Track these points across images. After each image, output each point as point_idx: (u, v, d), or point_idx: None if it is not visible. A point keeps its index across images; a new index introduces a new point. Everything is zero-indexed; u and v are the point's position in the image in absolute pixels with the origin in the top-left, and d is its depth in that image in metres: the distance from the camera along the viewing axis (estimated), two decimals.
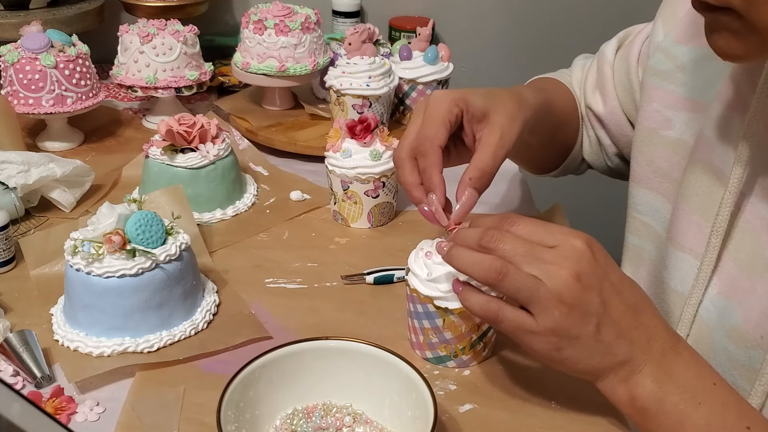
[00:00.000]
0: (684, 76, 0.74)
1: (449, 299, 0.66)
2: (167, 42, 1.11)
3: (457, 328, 0.68)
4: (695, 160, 0.70)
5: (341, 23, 1.51)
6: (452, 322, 0.68)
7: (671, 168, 0.75)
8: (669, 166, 0.75)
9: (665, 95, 0.75)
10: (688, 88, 0.73)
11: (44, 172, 0.90)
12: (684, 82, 0.74)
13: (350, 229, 0.94)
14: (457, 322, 0.67)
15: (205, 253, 0.85)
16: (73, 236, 0.72)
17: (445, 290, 0.66)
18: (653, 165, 0.77)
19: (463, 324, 0.68)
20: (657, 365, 0.58)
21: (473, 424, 0.65)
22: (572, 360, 0.58)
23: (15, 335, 0.69)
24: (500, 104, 0.71)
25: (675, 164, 0.74)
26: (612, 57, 0.88)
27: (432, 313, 0.68)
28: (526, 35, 1.67)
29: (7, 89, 1.06)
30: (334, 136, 0.93)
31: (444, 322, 0.68)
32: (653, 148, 0.77)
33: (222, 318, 0.77)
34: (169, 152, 0.91)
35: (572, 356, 0.58)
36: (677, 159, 0.74)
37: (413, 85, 1.13)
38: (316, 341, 0.64)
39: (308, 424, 0.63)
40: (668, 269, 0.71)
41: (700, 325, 0.67)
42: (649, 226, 0.78)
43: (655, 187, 0.77)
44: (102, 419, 0.65)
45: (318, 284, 0.83)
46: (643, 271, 0.78)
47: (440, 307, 0.67)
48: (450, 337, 0.69)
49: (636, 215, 0.79)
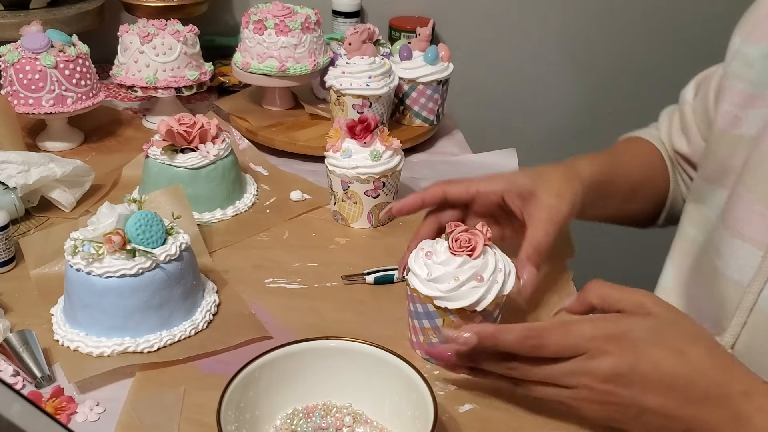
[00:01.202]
0: (753, 73, 0.75)
1: (449, 299, 0.66)
2: (167, 42, 1.11)
3: (457, 329, 0.67)
4: (761, 151, 0.70)
5: (341, 23, 1.51)
6: (452, 321, 0.68)
7: (738, 163, 0.75)
8: (736, 162, 0.75)
9: (735, 95, 0.76)
10: (756, 84, 0.74)
11: (44, 172, 0.90)
12: (753, 78, 0.75)
13: (350, 229, 0.94)
14: (456, 321, 0.67)
15: (205, 253, 0.85)
16: (73, 236, 0.72)
17: (444, 290, 0.66)
18: (723, 164, 0.77)
19: (463, 324, 0.67)
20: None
21: (473, 424, 0.65)
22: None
23: (15, 335, 0.69)
24: (546, 182, 0.76)
25: (741, 159, 0.74)
26: (692, 99, 0.90)
27: (432, 312, 0.68)
28: (526, 35, 1.67)
29: (7, 89, 1.06)
30: (334, 136, 0.93)
31: (444, 322, 0.68)
32: (723, 147, 0.77)
33: (222, 318, 0.77)
34: (169, 152, 0.91)
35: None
36: (743, 154, 0.74)
37: (413, 85, 1.13)
38: (316, 341, 0.64)
39: (308, 424, 0.63)
40: (723, 257, 0.71)
41: (759, 314, 0.67)
42: (707, 217, 0.79)
43: (722, 182, 0.77)
44: (102, 419, 0.65)
45: (318, 284, 0.83)
46: (690, 260, 0.78)
47: (440, 307, 0.67)
48: None
49: (700, 206, 0.81)
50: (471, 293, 0.66)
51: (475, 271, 0.66)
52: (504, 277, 0.68)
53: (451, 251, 0.67)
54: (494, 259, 0.68)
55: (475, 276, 0.66)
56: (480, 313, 0.67)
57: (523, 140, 1.40)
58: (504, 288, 0.68)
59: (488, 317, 0.68)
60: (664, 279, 0.79)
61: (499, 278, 0.68)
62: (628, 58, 1.71)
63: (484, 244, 0.68)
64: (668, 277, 0.79)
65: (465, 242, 0.67)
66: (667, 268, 0.80)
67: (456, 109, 1.30)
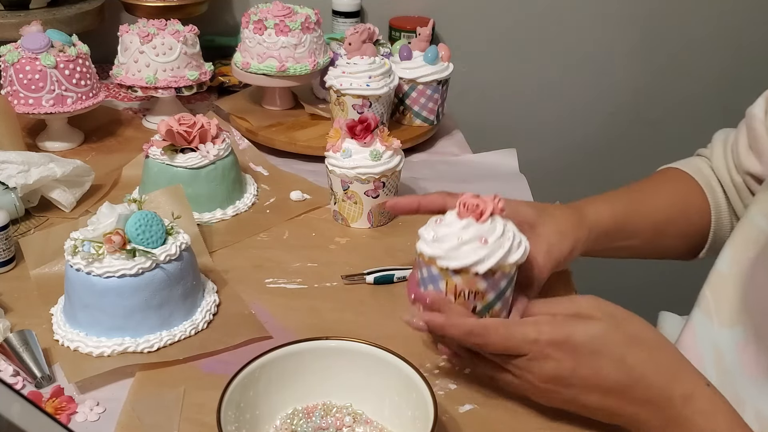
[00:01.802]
0: None
1: (449, 258, 0.64)
2: (167, 42, 1.11)
3: (460, 294, 0.65)
4: None
5: (341, 23, 1.51)
6: (454, 285, 0.65)
7: None
8: None
9: None
10: None
11: (44, 172, 0.90)
12: None
13: (350, 229, 0.94)
14: (459, 285, 0.64)
15: (205, 253, 0.85)
16: (73, 236, 0.72)
17: (446, 248, 0.64)
18: None
19: (466, 289, 0.65)
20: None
21: (473, 424, 0.65)
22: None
23: (15, 335, 0.69)
24: (550, 218, 0.74)
25: None
26: (762, 114, 0.85)
27: (435, 276, 0.65)
28: (526, 35, 1.67)
29: (7, 89, 1.06)
30: (334, 136, 0.93)
31: (447, 285, 0.65)
32: None
33: (222, 318, 0.77)
34: (169, 152, 0.91)
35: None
36: None
37: (413, 85, 1.13)
38: (316, 341, 0.64)
39: (308, 424, 0.63)
40: None
41: None
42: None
43: None
44: (102, 419, 0.65)
45: (318, 284, 0.83)
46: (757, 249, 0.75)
47: (442, 267, 0.64)
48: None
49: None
50: (472, 253, 0.63)
51: (479, 233, 0.64)
52: (512, 245, 0.65)
53: (458, 214, 0.65)
54: (503, 228, 0.65)
55: (479, 237, 0.64)
56: (483, 278, 0.64)
57: (523, 140, 1.39)
58: (509, 255, 0.65)
59: (494, 287, 0.65)
60: (721, 263, 0.75)
61: (506, 244, 0.64)
62: (628, 58, 1.71)
63: (493, 212, 0.65)
64: (726, 261, 0.75)
65: (473, 207, 0.65)
66: (726, 253, 0.75)
67: (456, 109, 1.30)
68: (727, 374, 0.69)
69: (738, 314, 0.70)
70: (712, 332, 0.72)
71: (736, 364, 0.69)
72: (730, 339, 0.70)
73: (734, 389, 0.68)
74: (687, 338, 0.74)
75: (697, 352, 0.72)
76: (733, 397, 0.64)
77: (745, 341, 0.68)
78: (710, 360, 0.71)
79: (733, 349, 0.69)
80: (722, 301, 0.72)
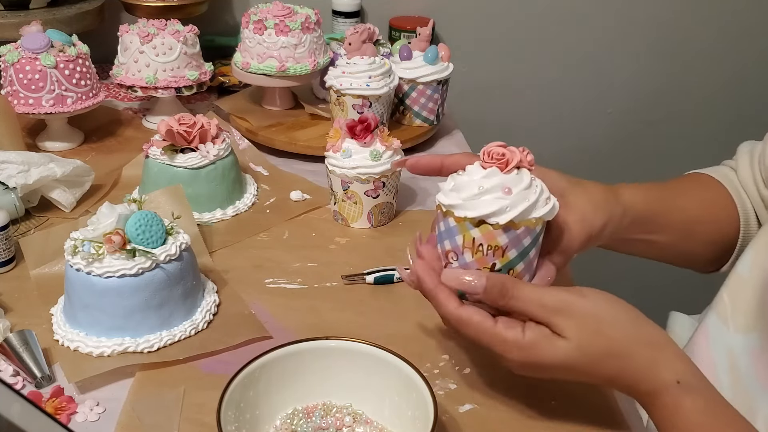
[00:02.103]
0: None
1: (467, 207, 0.59)
2: (167, 42, 1.11)
3: (479, 249, 0.60)
4: None
5: (341, 23, 1.51)
6: (472, 238, 0.60)
7: None
8: None
9: None
10: None
11: (44, 172, 0.90)
12: None
13: (350, 229, 0.94)
14: (477, 238, 0.59)
15: (205, 253, 0.85)
16: (73, 236, 0.72)
17: (465, 197, 0.59)
18: None
19: (485, 243, 0.59)
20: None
21: (473, 424, 0.65)
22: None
23: (15, 335, 0.69)
24: (583, 189, 0.69)
25: None
26: None
27: (452, 228, 0.60)
28: (527, 35, 1.67)
29: (7, 89, 1.06)
30: (334, 136, 0.93)
31: (464, 239, 0.60)
32: None
33: (222, 318, 0.77)
34: (169, 152, 0.91)
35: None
36: None
37: (413, 85, 1.13)
38: (316, 341, 0.64)
39: (308, 424, 0.63)
40: None
41: None
42: None
43: None
44: (102, 419, 0.65)
45: (318, 284, 0.83)
46: None
47: (459, 218, 0.59)
48: (470, 260, 0.61)
49: None
50: (493, 202, 0.58)
51: (503, 183, 0.59)
52: (538, 199, 0.60)
53: (482, 164, 0.61)
54: (530, 181, 0.60)
55: (502, 187, 0.59)
56: (504, 232, 0.59)
57: (524, 140, 1.39)
58: (535, 209, 0.59)
59: (516, 243, 0.60)
60: (741, 266, 0.73)
61: (532, 197, 0.59)
62: (628, 58, 1.71)
63: (520, 165, 0.60)
64: (747, 265, 0.73)
65: (498, 155, 0.60)
66: (748, 256, 0.73)
67: (456, 109, 1.30)
68: (740, 382, 0.68)
69: (755, 320, 0.69)
70: (727, 337, 0.71)
71: (750, 372, 0.68)
72: (744, 345, 0.69)
73: (747, 398, 0.67)
74: (700, 342, 0.73)
75: (710, 358, 0.71)
76: (746, 405, 0.64)
77: (761, 348, 0.67)
78: (724, 366, 0.70)
79: (748, 356, 0.68)
80: (739, 305, 0.71)
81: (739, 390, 0.68)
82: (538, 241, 0.62)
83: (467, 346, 0.73)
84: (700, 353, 0.72)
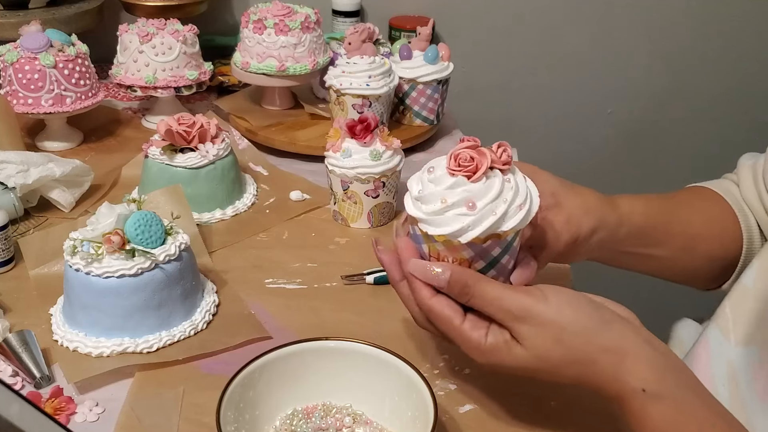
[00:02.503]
0: None
1: (430, 223, 0.56)
2: (167, 41, 1.11)
3: (444, 260, 0.58)
4: None
5: (341, 23, 1.51)
6: (437, 251, 0.58)
7: None
8: None
9: None
10: None
11: (43, 172, 0.89)
12: None
13: (350, 229, 0.94)
14: (442, 251, 0.58)
15: (205, 253, 0.85)
16: (73, 236, 0.72)
17: (428, 212, 0.56)
18: None
19: (450, 256, 0.58)
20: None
21: (473, 424, 0.65)
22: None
23: (14, 335, 0.69)
24: (575, 193, 0.69)
25: None
26: None
27: (418, 236, 0.59)
28: (527, 35, 1.67)
29: (7, 89, 1.06)
30: (334, 136, 0.93)
31: (429, 249, 0.59)
32: None
33: (222, 318, 0.76)
34: (168, 152, 0.91)
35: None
36: None
37: (413, 85, 1.13)
38: (316, 341, 0.64)
39: (308, 425, 0.63)
40: None
41: None
42: None
43: None
44: (101, 420, 0.64)
45: (318, 284, 0.83)
46: None
47: (423, 231, 0.58)
48: None
49: None
50: (455, 220, 0.55)
51: (467, 196, 0.55)
52: (507, 209, 0.56)
53: (448, 170, 0.57)
54: (501, 187, 0.56)
55: (466, 202, 0.55)
56: (469, 247, 0.57)
57: (523, 140, 1.39)
58: (503, 222, 0.56)
59: (483, 255, 0.58)
60: (746, 278, 0.72)
61: (500, 210, 0.55)
62: (628, 58, 1.71)
63: (492, 167, 0.56)
64: (751, 276, 0.72)
65: (465, 161, 0.56)
66: (753, 268, 0.71)
67: (456, 109, 1.30)
68: (738, 395, 0.68)
69: (754, 333, 0.68)
70: (727, 350, 0.70)
71: (749, 386, 0.67)
72: (744, 358, 0.68)
73: (745, 412, 0.66)
74: (700, 354, 0.72)
75: (709, 370, 0.70)
76: (744, 419, 0.63)
77: (760, 362, 0.66)
78: (723, 379, 0.69)
79: (748, 370, 0.68)
80: (741, 317, 0.70)
81: (738, 404, 0.67)
82: (511, 248, 0.59)
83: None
84: (700, 365, 0.71)
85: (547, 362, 0.56)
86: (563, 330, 0.55)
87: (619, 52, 1.70)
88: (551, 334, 0.55)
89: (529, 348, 0.56)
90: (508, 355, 0.56)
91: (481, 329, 0.57)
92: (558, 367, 0.56)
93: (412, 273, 0.59)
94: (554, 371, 0.57)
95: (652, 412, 0.54)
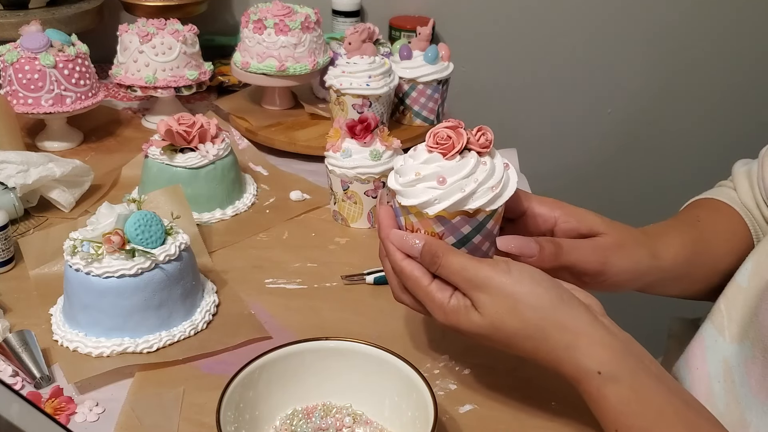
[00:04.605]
0: None
1: (403, 194, 0.59)
2: (167, 41, 1.11)
3: (418, 232, 0.61)
4: None
5: (341, 23, 1.51)
6: (411, 223, 0.61)
7: None
8: None
9: None
10: None
11: (43, 172, 0.89)
12: None
13: (350, 229, 0.94)
14: (415, 224, 0.60)
15: (205, 253, 0.85)
16: (73, 236, 0.72)
17: (402, 183, 0.59)
18: None
19: (422, 229, 0.60)
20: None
21: (473, 424, 0.65)
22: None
23: (14, 335, 0.69)
24: (615, 230, 0.68)
25: None
26: None
27: (397, 209, 0.62)
28: (527, 35, 1.67)
29: (7, 89, 1.06)
30: (334, 136, 0.93)
31: (405, 221, 0.61)
32: None
33: (222, 318, 0.76)
34: (168, 152, 0.91)
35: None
36: None
37: (413, 85, 1.13)
38: (316, 341, 0.64)
39: (308, 425, 0.63)
40: None
41: None
42: None
43: None
44: (101, 420, 0.64)
45: (318, 284, 0.83)
46: None
47: (400, 203, 0.60)
48: None
49: None
50: (424, 192, 0.58)
51: (439, 171, 0.57)
52: (476, 189, 0.58)
53: (426, 146, 0.59)
54: (474, 168, 0.58)
55: (437, 176, 0.57)
56: (438, 221, 0.59)
57: (523, 140, 1.39)
58: (469, 200, 0.58)
59: (452, 231, 0.59)
60: (740, 276, 0.72)
61: (468, 188, 0.57)
62: (628, 59, 1.71)
63: (470, 148, 0.58)
64: (745, 274, 0.72)
65: (443, 139, 0.58)
66: (747, 266, 0.72)
67: (456, 109, 1.30)
68: (733, 392, 0.68)
69: (747, 329, 0.68)
70: (722, 347, 0.70)
71: (743, 382, 0.67)
72: (738, 355, 0.68)
73: (739, 408, 0.66)
74: (696, 352, 0.72)
75: (705, 368, 0.71)
76: (739, 416, 0.63)
77: (753, 358, 0.66)
78: (718, 377, 0.69)
79: (741, 367, 0.68)
80: (735, 314, 0.70)
81: (732, 400, 0.67)
82: (483, 228, 0.60)
83: (467, 347, 0.72)
84: (696, 363, 0.72)
85: (501, 332, 0.58)
86: (518, 302, 0.57)
87: (618, 53, 1.70)
88: (507, 305, 0.57)
89: (485, 315, 0.58)
90: (466, 319, 0.58)
91: (446, 291, 0.60)
92: (512, 337, 0.58)
93: (391, 240, 0.62)
94: (509, 342, 0.58)
95: (608, 393, 0.55)
